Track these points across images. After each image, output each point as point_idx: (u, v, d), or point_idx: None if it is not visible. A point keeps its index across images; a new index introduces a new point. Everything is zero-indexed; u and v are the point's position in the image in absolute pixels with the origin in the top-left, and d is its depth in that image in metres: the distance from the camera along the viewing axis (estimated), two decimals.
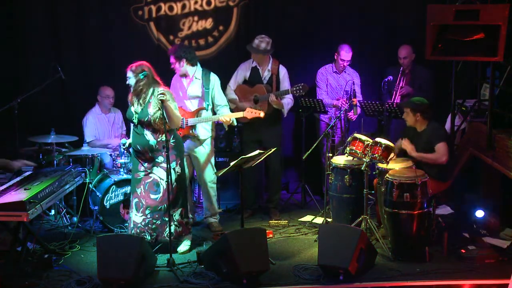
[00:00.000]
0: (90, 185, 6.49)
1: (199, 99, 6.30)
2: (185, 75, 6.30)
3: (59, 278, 5.26)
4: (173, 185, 5.65)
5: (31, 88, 6.65)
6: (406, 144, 6.08)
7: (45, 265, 5.44)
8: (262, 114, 6.26)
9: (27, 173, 5.85)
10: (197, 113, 6.26)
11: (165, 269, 5.45)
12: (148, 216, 5.65)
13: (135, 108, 5.61)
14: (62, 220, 6.54)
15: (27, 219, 4.92)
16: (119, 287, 5.03)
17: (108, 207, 6.33)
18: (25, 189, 5.25)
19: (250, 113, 6.22)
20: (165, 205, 5.60)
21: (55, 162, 6.59)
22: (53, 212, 6.72)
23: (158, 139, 5.59)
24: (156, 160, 5.63)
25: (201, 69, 6.33)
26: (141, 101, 5.59)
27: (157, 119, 5.51)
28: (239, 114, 6.28)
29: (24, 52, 7.44)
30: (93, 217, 6.42)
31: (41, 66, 7.12)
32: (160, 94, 5.40)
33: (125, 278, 5.01)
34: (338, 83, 7.26)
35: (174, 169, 5.65)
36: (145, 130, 5.58)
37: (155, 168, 5.63)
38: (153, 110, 5.52)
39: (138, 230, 5.67)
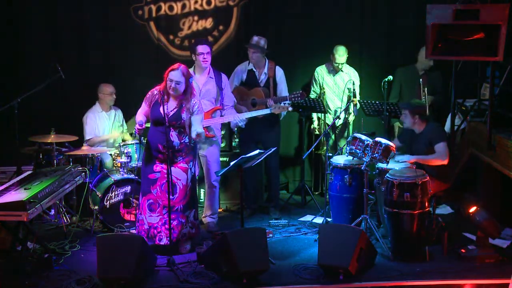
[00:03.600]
0: (90, 185, 6.50)
1: (213, 99, 6.29)
2: (203, 71, 6.27)
3: (59, 278, 5.25)
4: (189, 186, 5.70)
5: (31, 88, 6.65)
6: (399, 158, 6.09)
7: (45, 264, 5.43)
8: (290, 109, 6.42)
9: (27, 173, 5.85)
10: (212, 113, 6.24)
11: (165, 268, 5.44)
12: (166, 216, 5.64)
13: (166, 109, 5.51)
14: (62, 219, 6.54)
15: (27, 218, 4.92)
16: (119, 287, 5.02)
17: (108, 206, 6.33)
18: (25, 189, 5.24)
19: (278, 108, 6.32)
20: (182, 205, 5.65)
21: (55, 162, 6.59)
22: (53, 211, 6.72)
23: (181, 141, 5.60)
24: (175, 160, 5.62)
25: (212, 69, 6.34)
26: (183, 105, 5.57)
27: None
28: (266, 111, 6.34)
29: (24, 51, 7.45)
30: (93, 216, 6.42)
31: (41, 66, 7.12)
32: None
33: (125, 278, 5.01)
34: (335, 82, 7.26)
35: (190, 169, 5.71)
36: (172, 131, 5.56)
37: (172, 168, 5.58)
38: (186, 116, 5.54)
39: (155, 231, 5.66)
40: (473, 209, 5.74)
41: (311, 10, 7.63)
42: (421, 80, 7.00)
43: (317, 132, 7.41)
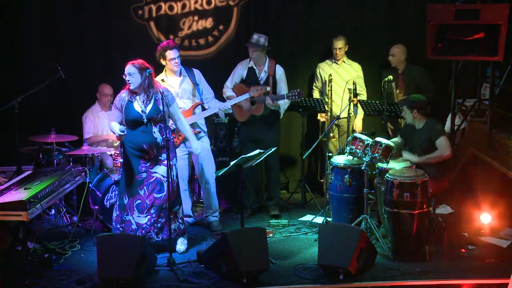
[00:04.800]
0: (90, 185, 6.50)
1: (190, 95, 6.29)
2: (176, 73, 6.26)
3: (59, 278, 5.26)
4: (175, 182, 5.68)
5: (31, 88, 6.65)
6: (406, 156, 6.09)
7: (45, 264, 5.44)
8: (268, 88, 6.44)
9: (27, 173, 5.85)
10: (193, 110, 6.25)
11: (165, 268, 5.45)
12: (154, 215, 5.63)
13: (140, 107, 5.54)
14: (62, 219, 6.54)
15: (27, 218, 4.92)
16: (119, 287, 5.02)
17: (108, 206, 6.32)
18: (25, 189, 5.24)
19: (256, 91, 6.31)
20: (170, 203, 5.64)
21: (55, 162, 6.59)
22: (53, 211, 6.73)
23: (163, 136, 5.58)
24: (159, 158, 5.62)
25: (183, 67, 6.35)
26: (151, 99, 5.54)
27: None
28: (245, 96, 6.37)
29: (24, 52, 7.45)
30: (93, 216, 6.42)
31: (41, 66, 7.12)
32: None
33: (125, 278, 5.01)
34: (338, 73, 7.25)
35: (174, 165, 5.68)
36: (153, 127, 5.57)
37: (157, 166, 5.61)
38: (162, 108, 5.51)
39: (143, 232, 5.64)
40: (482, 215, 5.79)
41: (311, 10, 7.63)
42: (393, 83, 7.03)
43: (323, 120, 7.35)
